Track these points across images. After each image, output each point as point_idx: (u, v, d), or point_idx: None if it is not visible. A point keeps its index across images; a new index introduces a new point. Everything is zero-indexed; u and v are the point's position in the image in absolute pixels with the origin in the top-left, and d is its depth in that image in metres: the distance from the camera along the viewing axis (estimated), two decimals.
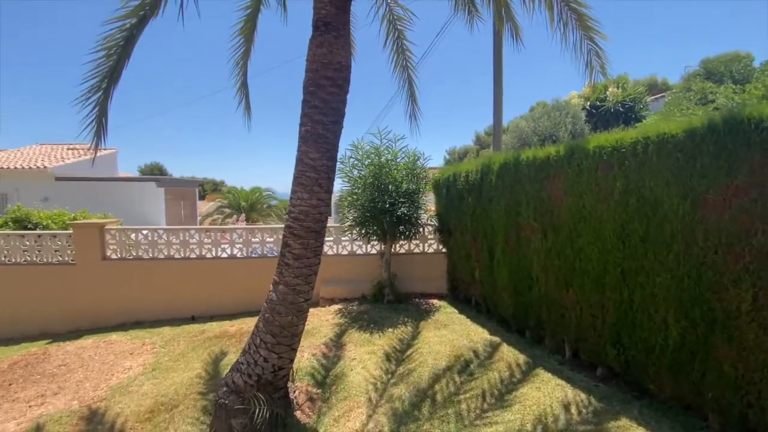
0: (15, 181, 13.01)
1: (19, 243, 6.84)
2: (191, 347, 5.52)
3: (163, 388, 4.45)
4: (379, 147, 6.16)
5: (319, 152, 3.50)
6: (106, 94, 4.26)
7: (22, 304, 6.76)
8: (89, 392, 4.51)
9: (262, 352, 3.59)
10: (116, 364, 5.17)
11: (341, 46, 3.53)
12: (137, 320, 6.82)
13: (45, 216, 8.23)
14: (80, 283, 6.75)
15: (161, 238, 6.92)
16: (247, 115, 6.13)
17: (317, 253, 3.69)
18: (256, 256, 7.08)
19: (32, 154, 14.81)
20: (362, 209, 6.05)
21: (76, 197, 11.83)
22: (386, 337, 5.20)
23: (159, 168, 37.89)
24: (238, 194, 17.48)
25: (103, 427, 3.90)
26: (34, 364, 5.37)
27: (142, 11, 4.11)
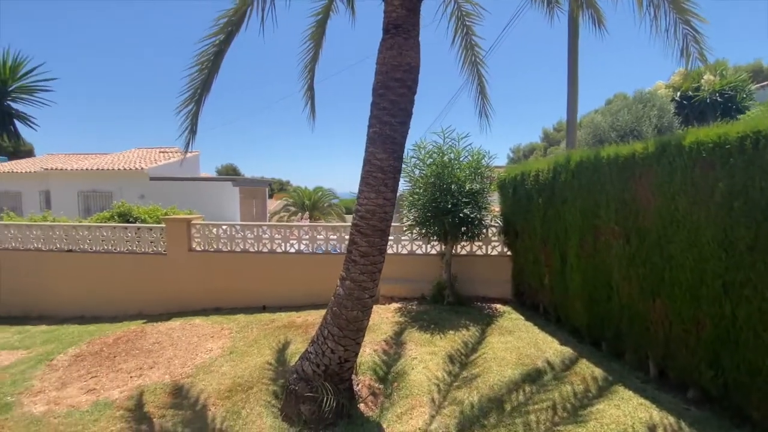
0: (118, 180, 15.02)
1: (122, 234, 7.89)
2: (263, 335, 5.93)
3: (239, 370, 4.84)
4: (442, 146, 6.09)
5: (386, 153, 3.56)
6: (198, 104, 4.75)
7: (123, 287, 7.79)
8: (178, 368, 5.06)
9: (330, 343, 3.75)
10: (200, 346, 5.73)
11: (411, 47, 3.56)
12: (216, 307, 7.50)
13: (143, 211, 9.38)
14: (170, 272, 7.60)
15: (238, 233, 7.54)
16: (311, 117, 6.44)
17: (382, 251, 3.76)
18: (320, 252, 7.40)
19: (131, 157, 16.98)
20: (423, 209, 6.03)
21: (167, 195, 13.33)
22: (448, 339, 5.14)
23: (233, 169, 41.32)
24: (302, 193, 18.42)
25: (188, 401, 4.34)
26: (134, 340, 6.15)
27: (230, 27, 4.51)
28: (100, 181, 14.93)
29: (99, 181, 14.93)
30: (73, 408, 4.26)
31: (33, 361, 5.60)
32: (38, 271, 8.03)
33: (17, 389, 4.78)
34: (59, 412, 4.19)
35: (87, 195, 15.03)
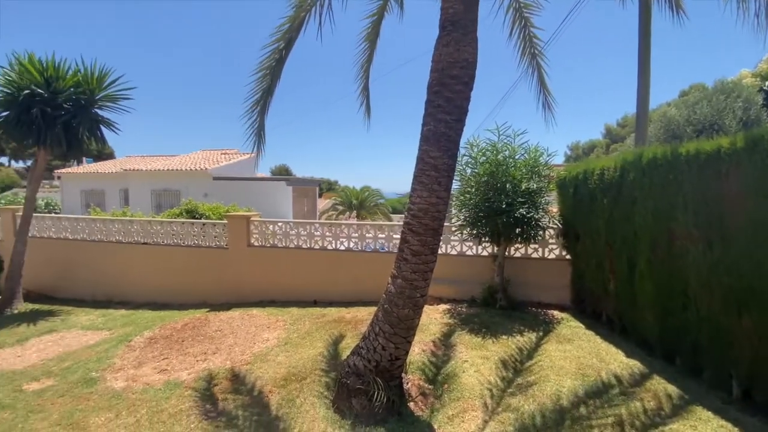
0: (185, 180, 16.33)
1: (190, 229, 8.56)
2: (315, 328, 6.14)
3: (293, 360, 5.05)
4: (497, 143, 5.89)
5: (440, 151, 3.52)
6: (263, 108, 5.03)
7: (190, 277, 8.45)
8: (238, 356, 5.38)
9: (381, 340, 3.78)
10: (257, 335, 6.06)
11: (468, 43, 3.48)
12: (271, 299, 7.89)
13: (207, 208, 10.12)
14: (231, 264, 8.12)
15: (292, 229, 7.88)
16: (367, 117, 6.56)
17: (434, 250, 3.72)
18: (369, 250, 7.50)
19: (196, 159, 18.39)
20: (475, 209, 5.87)
21: (227, 193, 14.29)
22: (500, 344, 4.97)
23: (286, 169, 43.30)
24: (350, 193, 18.82)
25: (247, 386, 4.59)
26: (199, 327, 6.64)
27: (289, 34, 4.72)
28: (169, 181, 16.35)
29: (169, 181, 16.36)
30: (148, 386, 4.70)
31: (114, 341, 6.26)
32: (119, 260, 8.97)
33: (101, 366, 5.36)
34: (136, 389, 4.64)
35: (159, 193, 16.53)
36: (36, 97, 7.83)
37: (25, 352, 6.13)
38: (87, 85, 8.32)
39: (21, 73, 7.85)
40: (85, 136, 8.61)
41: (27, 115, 7.83)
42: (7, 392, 4.76)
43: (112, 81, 8.68)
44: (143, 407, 4.18)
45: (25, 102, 7.81)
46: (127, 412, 4.12)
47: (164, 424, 3.87)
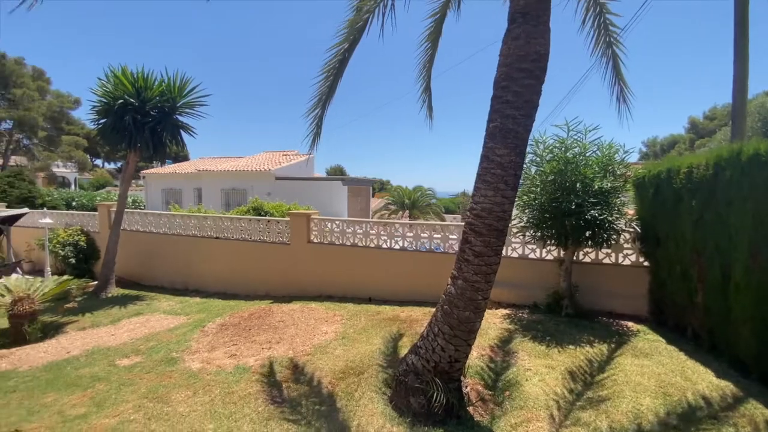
0: (250, 180, 17.45)
1: (256, 226, 9.13)
2: (370, 324, 6.23)
3: (351, 354, 5.17)
4: (566, 140, 5.54)
5: (507, 148, 3.38)
6: (323, 109, 5.21)
7: (255, 270, 9.02)
8: (299, 346, 5.63)
9: (440, 341, 3.73)
10: (316, 328, 6.29)
11: (540, 35, 3.31)
12: (329, 294, 8.16)
13: (271, 206, 10.73)
14: (292, 259, 8.53)
15: (349, 227, 8.07)
16: (429, 117, 6.52)
17: (498, 252, 3.59)
18: (424, 250, 7.45)
19: (260, 160, 19.58)
20: (540, 210, 5.57)
21: (288, 192, 15.04)
22: (567, 354, 4.66)
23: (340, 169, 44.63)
24: (402, 192, 18.87)
25: (307, 376, 4.78)
26: (263, 317, 7.05)
27: (353, 35, 4.83)
28: (237, 181, 17.59)
29: (236, 181, 17.60)
30: (220, 368, 5.08)
31: (190, 326, 6.86)
32: (194, 252, 9.83)
33: (180, 347, 5.90)
34: (210, 371, 5.04)
35: (227, 192, 17.86)
36: (128, 105, 8.84)
37: (117, 331, 6.93)
38: (170, 94, 9.23)
39: (116, 85, 8.90)
40: (168, 140, 9.56)
41: (120, 122, 8.86)
42: (103, 366, 5.42)
43: (191, 89, 9.56)
44: (217, 388, 4.53)
45: (119, 110, 8.84)
46: (203, 391, 4.49)
47: (235, 405, 4.16)
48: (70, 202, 19.56)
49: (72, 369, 5.34)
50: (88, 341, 6.42)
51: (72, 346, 6.24)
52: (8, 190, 16.77)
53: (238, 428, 3.75)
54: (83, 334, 6.80)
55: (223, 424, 3.83)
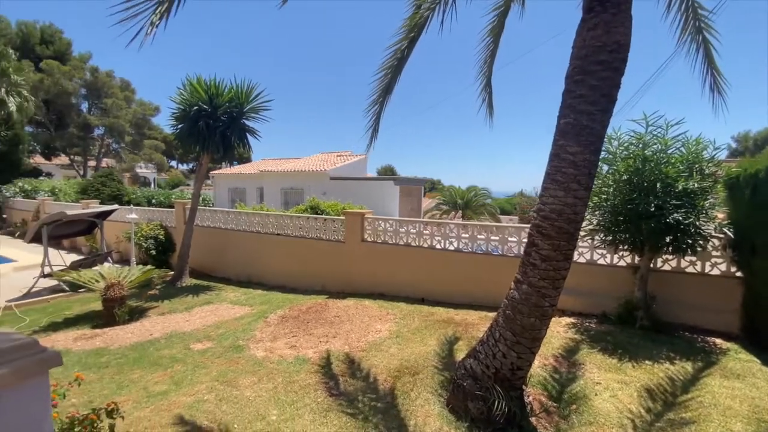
0: (307, 180, 18.21)
1: (314, 224, 9.49)
2: (424, 325, 6.20)
3: (405, 354, 5.18)
4: (644, 135, 5.06)
5: (580, 146, 3.17)
6: (381, 106, 5.28)
7: (312, 266, 9.37)
8: (354, 342, 5.76)
9: (501, 347, 3.60)
10: (370, 325, 6.39)
11: (620, 23, 3.06)
12: (381, 292, 8.25)
13: (327, 205, 11.08)
14: (346, 257, 8.74)
15: (402, 227, 8.09)
16: (488, 115, 6.33)
17: (568, 256, 3.38)
18: (480, 252, 7.25)
19: (316, 161, 20.35)
20: (613, 212, 5.14)
21: (342, 192, 15.46)
22: (643, 370, 4.27)
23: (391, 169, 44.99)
24: (455, 192, 18.52)
25: (363, 372, 4.87)
26: (320, 311, 7.30)
27: (413, 33, 4.84)
28: (295, 180, 18.44)
29: (294, 180, 18.46)
30: (282, 358, 5.35)
31: (254, 316, 7.30)
32: (257, 248, 10.45)
33: (246, 336, 6.30)
34: (273, 359, 5.32)
35: (286, 191, 18.80)
36: (201, 111, 9.62)
37: (191, 318, 7.57)
38: (238, 100, 9.90)
39: (191, 92, 9.73)
40: (236, 143, 10.27)
41: (195, 127, 9.66)
42: (179, 349, 5.94)
43: (256, 95, 10.18)
44: (279, 376, 4.78)
45: (194, 116, 9.65)
46: (267, 378, 4.76)
47: (296, 393, 4.36)
48: (150, 199, 21.76)
49: (154, 350, 5.93)
50: (166, 325, 7.09)
51: (154, 329, 6.92)
52: (101, 189, 19.08)
53: (300, 416, 3.92)
54: (162, 319, 7.52)
55: (285, 411, 4.02)
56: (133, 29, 2.60)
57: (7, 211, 18.87)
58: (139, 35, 2.64)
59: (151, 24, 2.72)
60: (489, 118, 6.28)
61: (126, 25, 2.56)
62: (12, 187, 18.91)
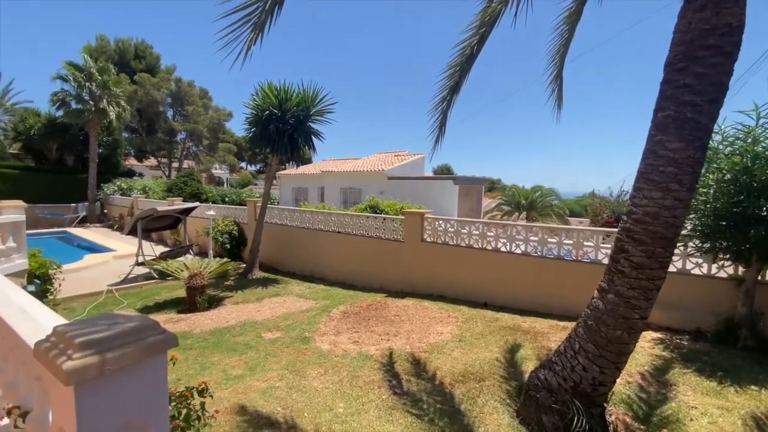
0: (365, 179, 18.56)
1: (373, 223, 9.64)
2: (488, 330, 5.99)
3: (469, 358, 5.05)
4: (754, 129, 4.40)
5: (682, 141, 2.83)
6: (448, 104, 5.19)
7: (370, 264, 9.52)
8: (416, 342, 5.74)
9: (581, 359, 3.36)
10: (431, 327, 6.33)
11: (733, 3, 2.68)
12: (440, 294, 8.13)
13: (386, 205, 11.21)
14: (405, 257, 8.75)
15: (463, 228, 7.90)
16: (557, 107, 5.97)
17: (664, 265, 3.04)
18: (550, 256, 6.83)
19: (374, 161, 20.67)
20: (714, 215, 4.54)
21: (399, 191, 15.52)
22: (748, 395, 3.73)
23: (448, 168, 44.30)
24: (518, 192, 17.67)
25: (426, 373, 4.82)
26: (380, 309, 7.39)
27: (483, 28, 4.69)
28: (353, 180, 18.91)
29: (353, 180, 18.93)
30: (345, 352, 5.50)
31: (318, 310, 7.59)
32: (319, 245, 10.88)
33: (311, 328, 6.57)
34: (337, 353, 5.49)
35: (345, 191, 19.35)
36: (272, 116, 10.21)
37: (262, 308, 8.08)
38: (305, 104, 10.38)
39: (263, 98, 10.38)
40: (302, 145, 10.76)
41: (266, 131, 10.30)
42: (252, 337, 6.36)
43: (321, 98, 10.59)
44: (344, 370, 4.91)
45: (266, 120, 10.29)
46: (333, 371, 4.91)
47: (361, 388, 4.44)
48: (224, 197, 23.65)
49: (230, 336, 6.42)
50: (240, 314, 7.65)
51: (229, 316, 7.50)
52: (183, 188, 21.13)
53: (365, 411, 3.99)
54: (237, 308, 8.12)
55: (351, 405, 4.12)
56: (228, 50, 2.88)
57: (107, 206, 21.68)
58: (239, 55, 2.91)
59: (247, 46, 2.96)
60: (557, 111, 5.90)
61: (227, 48, 2.84)
62: (112, 186, 21.67)
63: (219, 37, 2.79)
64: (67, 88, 19.19)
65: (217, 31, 2.75)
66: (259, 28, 3.02)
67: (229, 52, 2.84)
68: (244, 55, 2.94)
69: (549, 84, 5.93)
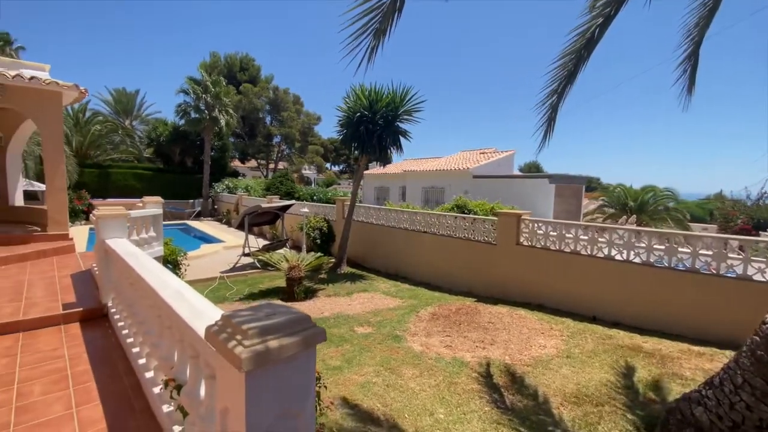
0: (448, 178, 18.18)
1: (461, 223, 9.33)
2: (601, 349, 5.34)
3: (581, 378, 4.53)
4: None
5: None
6: (559, 98, 4.70)
7: (457, 266, 9.23)
8: (515, 354, 5.35)
9: (745, 396, 2.74)
10: (531, 339, 5.86)
11: None
12: (539, 303, 7.52)
13: (474, 205, 10.79)
14: (497, 261, 8.29)
15: (569, 232, 7.18)
16: (688, 91, 5.03)
17: None
18: (681, 268, 5.84)
19: (457, 159, 20.14)
20: None
21: (486, 191, 14.86)
22: None
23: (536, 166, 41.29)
24: (625, 192, 15.64)
25: (529, 389, 4.45)
26: (471, 314, 7.10)
27: (609, 8, 4.14)
28: (435, 179, 18.67)
29: (435, 180, 18.69)
30: (439, 356, 5.36)
31: (406, 309, 7.58)
32: (403, 243, 10.91)
33: (401, 327, 6.56)
34: (430, 355, 5.37)
35: (427, 190, 19.20)
36: (363, 117, 10.51)
37: (351, 302, 8.35)
38: (394, 104, 10.48)
39: (355, 101, 10.73)
40: (389, 145, 10.90)
41: (357, 132, 10.63)
42: (346, 330, 6.57)
43: (410, 98, 10.59)
44: (440, 374, 4.77)
45: (356, 122, 10.63)
46: (428, 373, 4.81)
47: (460, 396, 4.26)
48: (312, 196, 25.26)
49: (326, 327, 6.72)
50: (333, 307, 8.00)
51: (324, 308, 7.89)
52: (279, 187, 23.08)
53: (467, 421, 3.80)
54: (329, 300, 8.52)
55: (452, 412, 3.97)
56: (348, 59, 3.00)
57: (217, 203, 24.69)
58: (361, 61, 3.01)
59: (370, 52, 3.03)
60: (687, 95, 4.93)
61: (349, 56, 2.96)
62: (221, 185, 24.61)
63: (342, 47, 2.91)
64: (188, 99, 22.28)
65: (341, 41, 2.87)
66: (381, 33, 3.06)
67: (351, 59, 2.94)
68: (367, 60, 3.00)
69: (680, 63, 5.04)
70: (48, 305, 4.19)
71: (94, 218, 4.52)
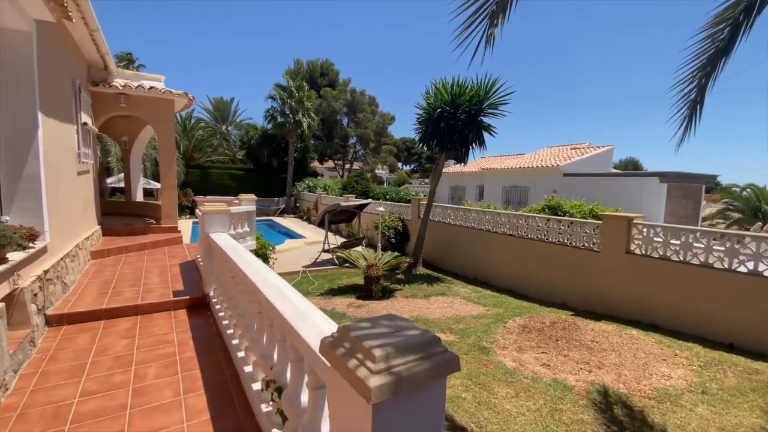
0: (533, 177, 16.81)
1: (555, 226, 8.41)
2: (747, 387, 4.28)
3: (726, 422, 3.64)
4: None
5: None
6: (708, 76, 3.82)
7: (550, 274, 8.33)
8: (631, 382, 4.54)
9: None
10: (649, 365, 4.95)
11: None
12: (652, 323, 6.42)
13: (569, 206, 9.69)
14: (600, 270, 7.27)
15: (698, 240, 5.98)
16: None
17: None
18: None
19: (544, 156, 18.55)
20: None
21: (578, 190, 13.37)
22: None
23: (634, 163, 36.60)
24: (758, 194, 12.91)
25: (653, 429, 3.69)
26: (569, 330, 6.29)
27: None
28: (518, 178, 17.41)
29: (518, 178, 17.44)
30: (536, 375, 4.77)
31: (492, 318, 7.00)
32: (485, 246, 10.23)
33: (488, 338, 6.04)
34: (526, 374, 4.81)
35: (508, 189, 18.02)
36: (444, 113, 10.07)
37: (430, 306, 8.01)
38: (478, 98, 9.86)
39: (436, 96, 10.33)
40: (472, 141, 10.31)
41: (437, 129, 10.23)
42: None
43: (495, 90, 9.88)
44: (540, 398, 4.22)
45: (437, 118, 10.23)
46: (525, 395, 4.28)
47: (567, 427, 3.69)
48: (386, 195, 25.44)
49: None
50: (411, 308, 7.75)
51: (402, 309, 7.69)
52: (355, 186, 23.66)
53: None
54: (407, 302, 8.30)
55: None
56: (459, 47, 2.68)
57: (299, 201, 26.18)
58: (477, 48, 2.70)
59: (488, 37, 2.69)
60: None
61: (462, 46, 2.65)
62: (302, 184, 26.04)
63: (453, 37, 2.60)
64: (275, 105, 23.92)
65: (452, 30, 2.58)
66: (496, 16, 2.69)
67: (464, 49, 2.62)
68: (484, 47, 2.67)
69: None
70: (161, 291, 4.58)
71: (200, 213, 4.84)
